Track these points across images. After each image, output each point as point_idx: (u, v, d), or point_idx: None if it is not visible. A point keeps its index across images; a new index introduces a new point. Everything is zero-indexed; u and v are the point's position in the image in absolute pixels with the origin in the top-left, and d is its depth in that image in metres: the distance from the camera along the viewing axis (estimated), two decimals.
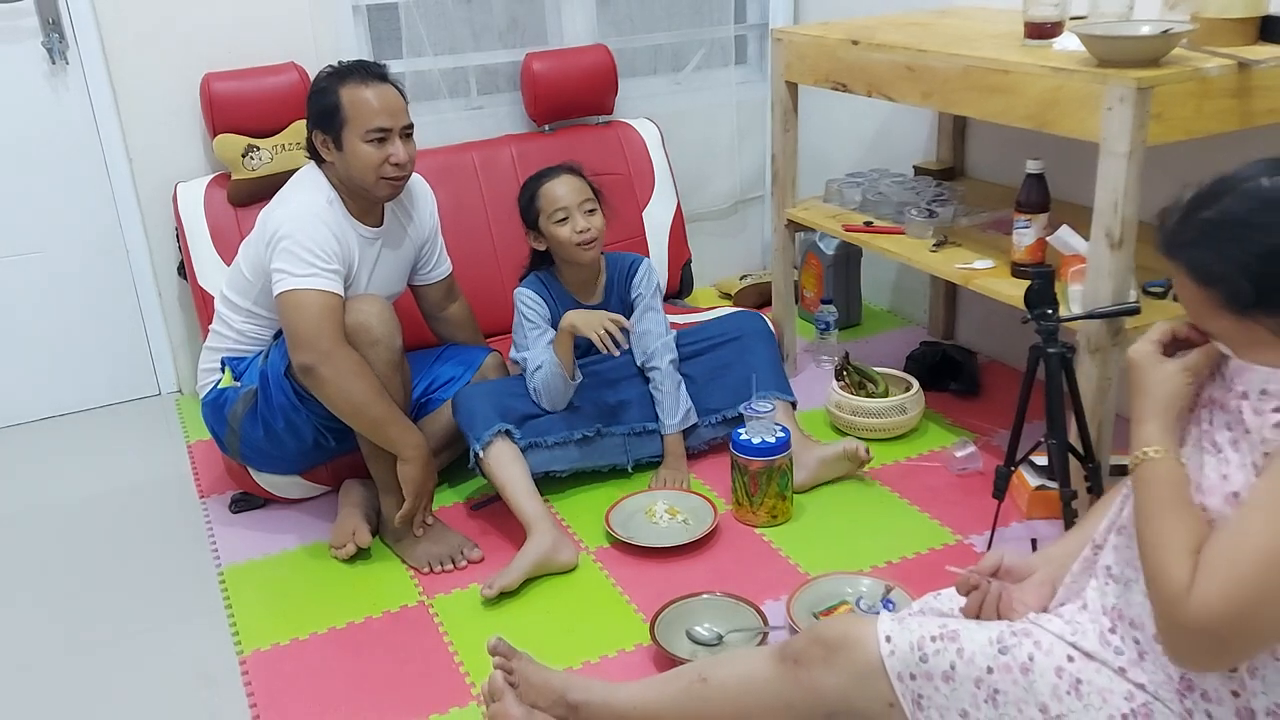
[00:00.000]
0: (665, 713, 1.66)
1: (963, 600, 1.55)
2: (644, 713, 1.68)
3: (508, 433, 2.46)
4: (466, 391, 2.56)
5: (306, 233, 2.28)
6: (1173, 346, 1.39)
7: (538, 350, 2.55)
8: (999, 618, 1.49)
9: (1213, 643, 1.20)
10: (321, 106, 2.33)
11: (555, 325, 2.55)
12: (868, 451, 2.57)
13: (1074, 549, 1.54)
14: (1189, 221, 1.26)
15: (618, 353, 2.46)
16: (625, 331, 2.47)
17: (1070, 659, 1.37)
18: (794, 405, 2.67)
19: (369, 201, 2.42)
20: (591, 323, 2.45)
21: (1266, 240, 1.20)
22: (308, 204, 2.34)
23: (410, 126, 2.38)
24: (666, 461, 2.63)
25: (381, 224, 2.47)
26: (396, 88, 2.37)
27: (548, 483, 2.57)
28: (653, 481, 2.62)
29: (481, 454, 2.45)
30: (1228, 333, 1.28)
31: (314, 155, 2.42)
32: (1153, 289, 2.24)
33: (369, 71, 2.35)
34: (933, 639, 1.44)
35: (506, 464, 2.45)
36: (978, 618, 1.51)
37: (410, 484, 2.33)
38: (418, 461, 2.32)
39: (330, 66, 2.40)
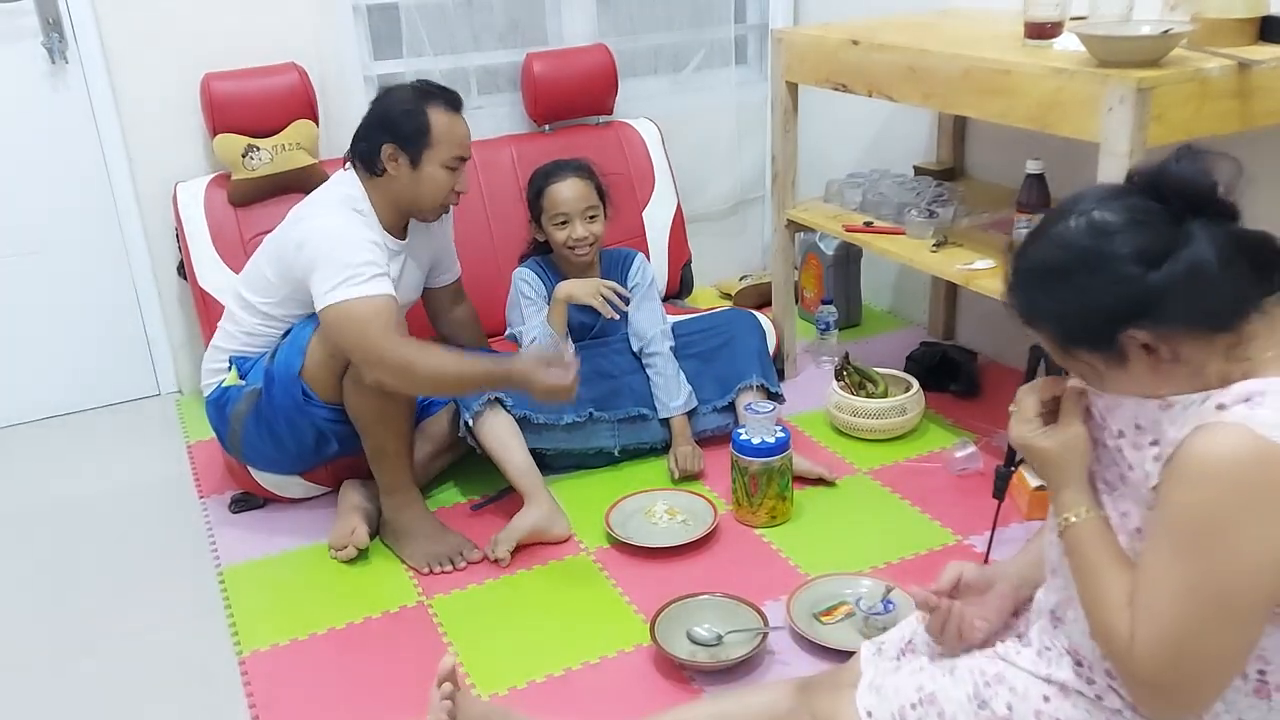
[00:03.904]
0: None
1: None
2: None
3: (499, 401, 2.48)
4: None
5: (348, 242, 2.24)
6: (1046, 409, 1.39)
7: (533, 324, 2.60)
8: (960, 639, 1.49)
9: (1164, 690, 1.21)
10: (411, 125, 2.31)
11: None
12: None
13: (1033, 559, 1.54)
14: (1013, 269, 1.30)
15: (617, 316, 2.56)
16: (624, 299, 2.56)
17: (1046, 699, 1.36)
18: (780, 397, 2.70)
19: (403, 217, 2.43)
20: (587, 289, 2.55)
21: (1060, 289, 1.23)
22: (340, 216, 2.30)
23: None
24: (676, 443, 2.66)
25: (405, 237, 2.47)
26: None
27: (539, 469, 2.54)
28: (669, 463, 2.64)
29: (472, 423, 2.47)
30: (1071, 368, 1.30)
31: (367, 164, 2.36)
32: None
33: (454, 101, 2.38)
34: (913, 706, 1.43)
35: (501, 434, 2.48)
36: (941, 633, 1.50)
37: (547, 392, 2.17)
38: (525, 377, 2.16)
39: (417, 83, 2.41)
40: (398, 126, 2.33)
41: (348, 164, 2.42)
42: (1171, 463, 1.20)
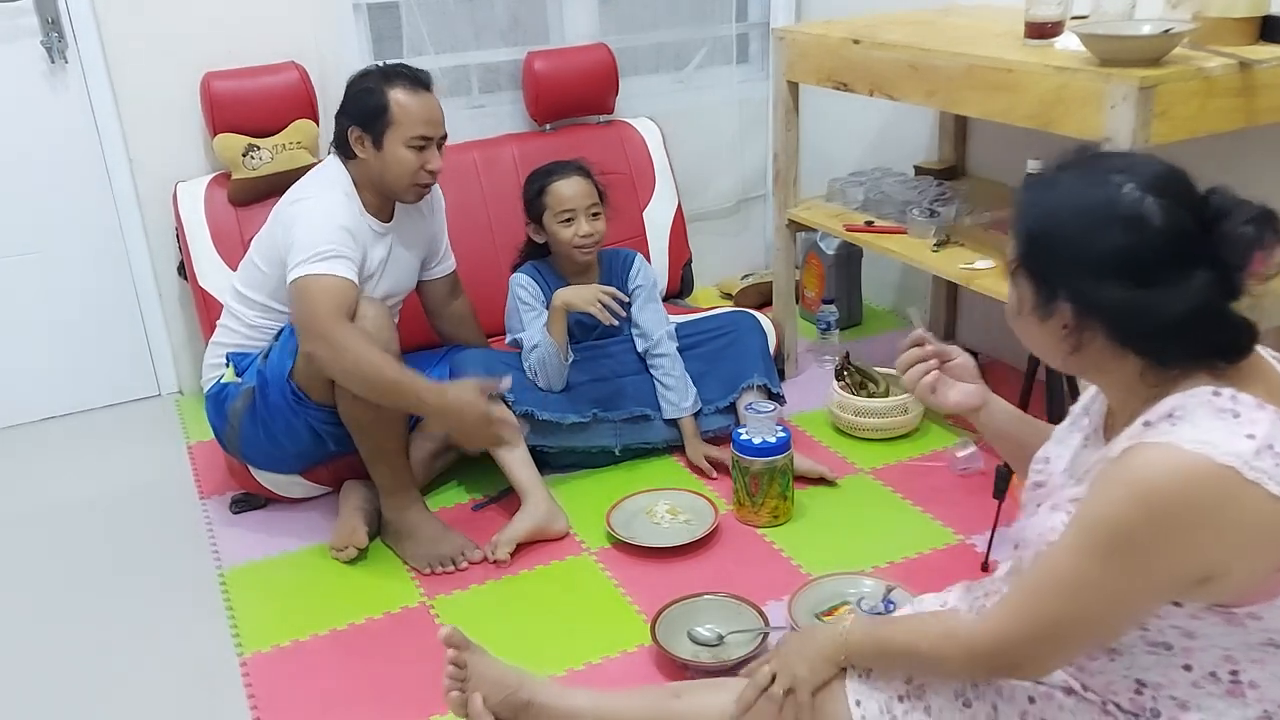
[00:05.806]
0: (624, 717, 1.66)
1: (939, 603, 1.55)
2: (600, 716, 1.67)
3: (502, 398, 2.48)
4: (465, 355, 2.59)
5: (321, 224, 2.28)
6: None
7: (533, 331, 2.59)
8: (930, 391, 1.53)
9: (1007, 658, 1.28)
10: (367, 105, 2.33)
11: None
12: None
13: (1015, 413, 1.59)
14: (1045, 175, 1.30)
15: (616, 323, 2.54)
16: (623, 304, 2.55)
17: (1031, 700, 1.36)
18: (782, 399, 2.70)
19: (387, 200, 2.43)
20: (585, 296, 2.53)
21: (1059, 224, 1.21)
22: (325, 198, 2.35)
23: (445, 137, 2.40)
24: (689, 443, 2.67)
25: (391, 219, 2.47)
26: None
27: (540, 468, 2.55)
28: (698, 461, 2.65)
29: None
30: (1011, 283, 1.30)
31: (341, 148, 2.41)
32: None
33: (418, 79, 2.36)
34: (901, 698, 1.43)
35: None
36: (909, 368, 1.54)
37: (457, 436, 2.28)
38: (440, 413, 2.24)
39: (376, 65, 2.42)
40: (359, 108, 2.35)
41: (332, 149, 2.44)
42: (1100, 476, 1.20)
